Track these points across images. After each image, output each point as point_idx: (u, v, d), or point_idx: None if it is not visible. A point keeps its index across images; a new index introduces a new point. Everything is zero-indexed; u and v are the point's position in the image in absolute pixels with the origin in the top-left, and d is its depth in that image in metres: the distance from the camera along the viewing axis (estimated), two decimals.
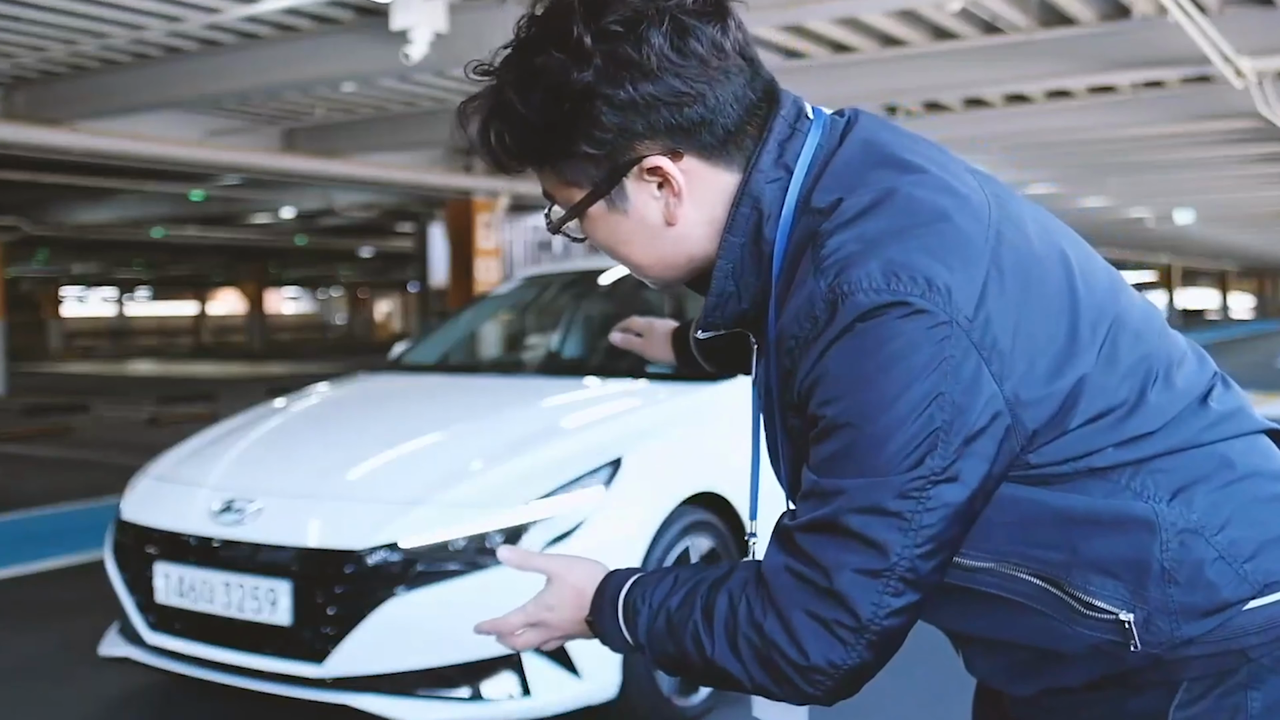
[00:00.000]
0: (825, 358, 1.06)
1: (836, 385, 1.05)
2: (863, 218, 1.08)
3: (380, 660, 3.14)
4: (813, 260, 1.08)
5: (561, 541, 3.23)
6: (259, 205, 18.87)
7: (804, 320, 1.07)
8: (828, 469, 1.07)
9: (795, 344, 1.09)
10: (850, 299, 1.04)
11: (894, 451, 1.03)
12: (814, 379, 1.07)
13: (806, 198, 1.13)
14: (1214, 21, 7.19)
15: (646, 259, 1.21)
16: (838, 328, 1.04)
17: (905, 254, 1.04)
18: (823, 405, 1.06)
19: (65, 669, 4.17)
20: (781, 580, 1.08)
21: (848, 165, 1.13)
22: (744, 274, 1.17)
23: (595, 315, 5.38)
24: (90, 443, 11.21)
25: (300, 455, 3.81)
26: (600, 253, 1.25)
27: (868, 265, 1.04)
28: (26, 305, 34.62)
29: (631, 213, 1.17)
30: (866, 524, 1.04)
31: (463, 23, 6.97)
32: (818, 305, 1.06)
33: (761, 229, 1.15)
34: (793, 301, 1.10)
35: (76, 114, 9.57)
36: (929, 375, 1.02)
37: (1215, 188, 17.99)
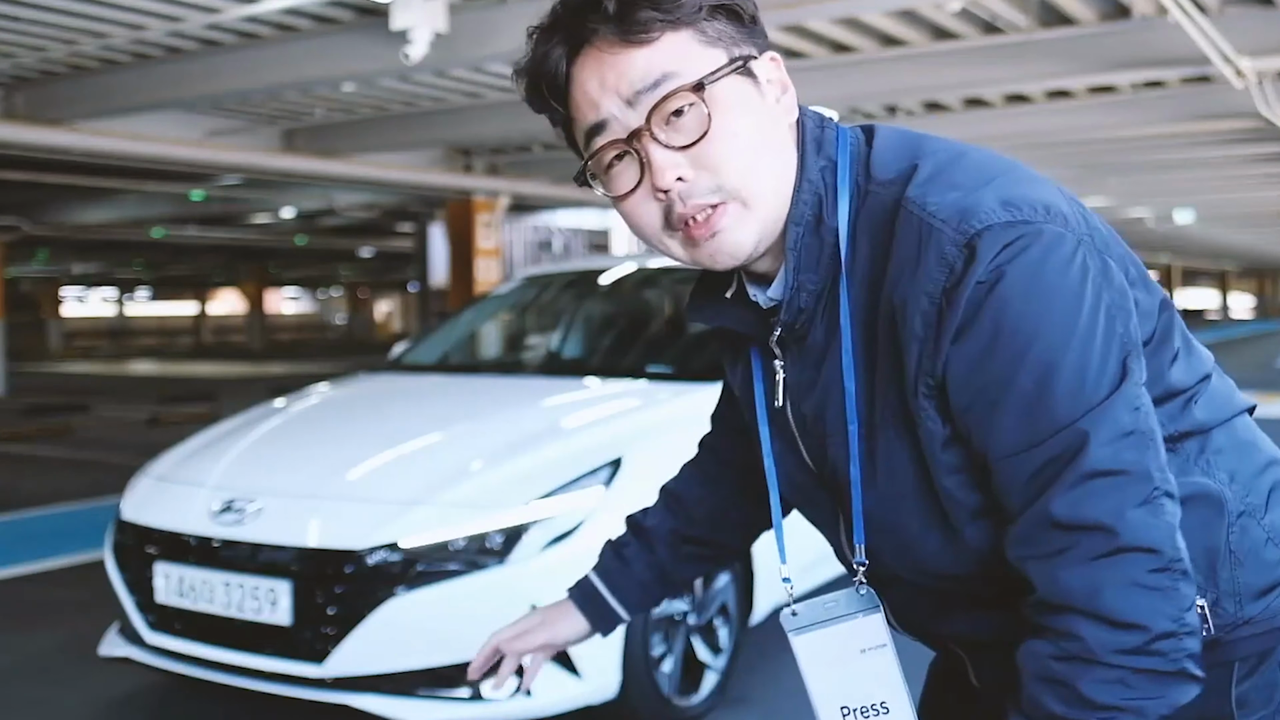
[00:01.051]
0: (982, 313, 0.99)
1: (1012, 339, 0.99)
2: (948, 173, 1.06)
3: (380, 660, 3.14)
4: (919, 220, 1.03)
5: (561, 541, 3.23)
6: (259, 205, 18.86)
7: (937, 271, 1.01)
8: (1041, 428, 0.99)
9: (929, 301, 1.01)
10: (985, 235, 1.00)
11: (1099, 370, 0.99)
12: (977, 345, 1.00)
13: (862, 180, 1.11)
14: (1214, 21, 7.19)
15: (770, 171, 1.09)
16: (981, 267, 0.99)
17: (1010, 189, 1.03)
18: (1005, 370, 0.99)
19: (65, 669, 4.17)
20: (1068, 579, 0.98)
21: (896, 144, 1.13)
22: (803, 269, 1.11)
23: (595, 315, 5.39)
24: (90, 443, 11.21)
25: (300, 455, 3.81)
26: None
27: (984, 203, 1.02)
28: (26, 305, 34.62)
29: (766, 92, 1.10)
30: (1116, 454, 0.98)
31: (463, 23, 6.97)
32: (948, 251, 1.01)
33: (822, 215, 1.11)
34: (904, 269, 1.04)
35: (76, 114, 9.56)
36: (1088, 289, 1.00)
37: (1215, 188, 17.99)
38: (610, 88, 1.07)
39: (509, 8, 7.05)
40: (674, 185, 1.06)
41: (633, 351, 4.91)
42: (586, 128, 1.10)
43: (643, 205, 1.10)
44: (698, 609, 3.64)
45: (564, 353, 5.26)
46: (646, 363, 4.66)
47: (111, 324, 44.15)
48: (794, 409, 1.19)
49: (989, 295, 0.99)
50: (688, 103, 1.05)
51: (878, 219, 1.08)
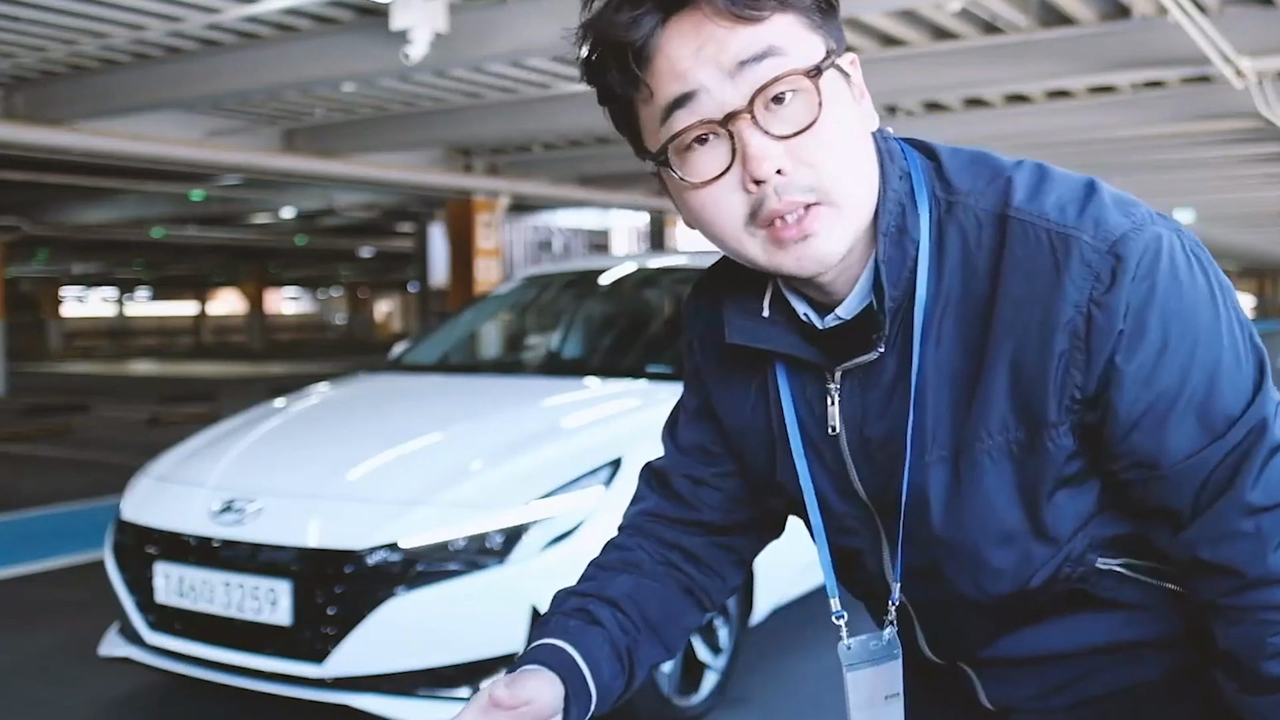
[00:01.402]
0: (1148, 320, 0.97)
1: (1181, 341, 0.98)
2: (1048, 183, 1.04)
3: (380, 660, 3.14)
4: (1043, 231, 1.00)
5: (562, 541, 3.23)
6: (259, 205, 18.86)
7: (1082, 280, 0.97)
8: (1221, 421, 0.98)
9: (1078, 311, 0.97)
10: (1125, 240, 0.97)
11: (1246, 354, 1.00)
12: (1147, 354, 0.97)
13: (945, 190, 1.06)
14: (1214, 21, 7.18)
15: (864, 175, 1.03)
16: (1130, 274, 0.96)
17: (1115, 193, 1.03)
18: (1179, 372, 0.98)
19: (65, 669, 4.17)
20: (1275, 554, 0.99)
21: (963, 158, 1.09)
22: (889, 283, 1.05)
23: (595, 315, 5.39)
24: (90, 443, 11.21)
25: (300, 455, 3.81)
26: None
27: (1108, 210, 1.00)
28: (26, 305, 34.62)
29: (854, 90, 1.03)
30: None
31: (463, 23, 6.97)
32: (1091, 259, 0.97)
33: (905, 225, 1.05)
34: (1035, 281, 0.99)
35: (76, 114, 9.56)
36: (1207, 276, 1.00)
37: (1215, 188, 17.99)
38: (708, 58, 0.97)
39: (509, 8, 7.05)
40: (772, 177, 0.97)
41: (633, 351, 4.91)
42: (669, 100, 0.99)
43: (726, 196, 1.00)
44: None
45: (564, 353, 5.26)
46: (646, 363, 4.66)
47: (111, 324, 44.15)
48: (853, 434, 1.11)
49: (1148, 302, 0.97)
50: (795, 88, 0.97)
51: (969, 231, 1.04)
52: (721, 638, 3.74)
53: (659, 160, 1.01)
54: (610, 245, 18.66)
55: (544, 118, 10.55)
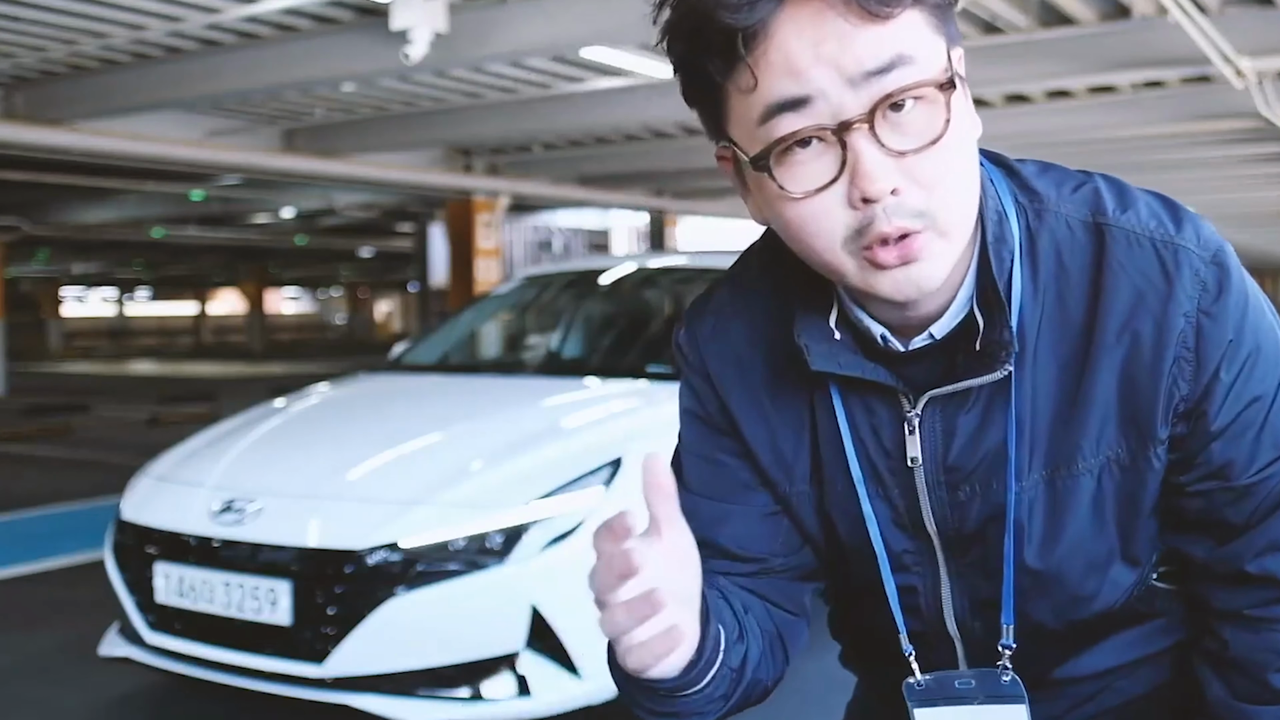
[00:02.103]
0: (1244, 327, 0.98)
1: (1273, 348, 1.00)
2: (1128, 193, 1.03)
3: (380, 660, 3.14)
4: (1151, 243, 0.98)
5: (561, 541, 3.23)
6: (259, 205, 18.86)
7: (1193, 290, 0.96)
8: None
9: (1187, 321, 0.96)
10: (1222, 252, 0.99)
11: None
12: (1241, 358, 0.97)
13: (1029, 199, 1.02)
14: (1214, 21, 7.18)
15: (974, 198, 0.95)
16: (1233, 284, 0.98)
17: (1186, 210, 1.03)
18: (1266, 377, 0.99)
19: (65, 669, 4.17)
20: None
21: (1033, 164, 1.08)
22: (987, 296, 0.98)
23: (595, 315, 5.39)
24: (90, 443, 11.21)
25: (300, 455, 3.81)
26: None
27: (1199, 222, 1.00)
28: (26, 305, 34.62)
29: (968, 100, 0.95)
30: None
31: (463, 23, 6.97)
32: (1202, 270, 0.97)
33: (1004, 234, 0.99)
34: (1145, 291, 0.97)
35: (76, 114, 9.56)
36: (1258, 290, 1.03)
37: (1215, 188, 17.99)
38: (829, 59, 0.86)
39: (509, 8, 7.05)
40: (885, 197, 0.88)
41: (633, 351, 4.91)
42: (778, 100, 0.88)
43: (829, 211, 0.90)
44: None
45: (564, 353, 5.26)
46: (646, 363, 4.66)
47: (111, 324, 44.16)
48: (932, 464, 1.02)
49: (1246, 312, 0.98)
50: (919, 96, 0.88)
51: (1062, 239, 1.00)
52: None
53: (758, 165, 0.91)
54: (610, 245, 18.66)
55: (544, 118, 10.55)
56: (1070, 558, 1.02)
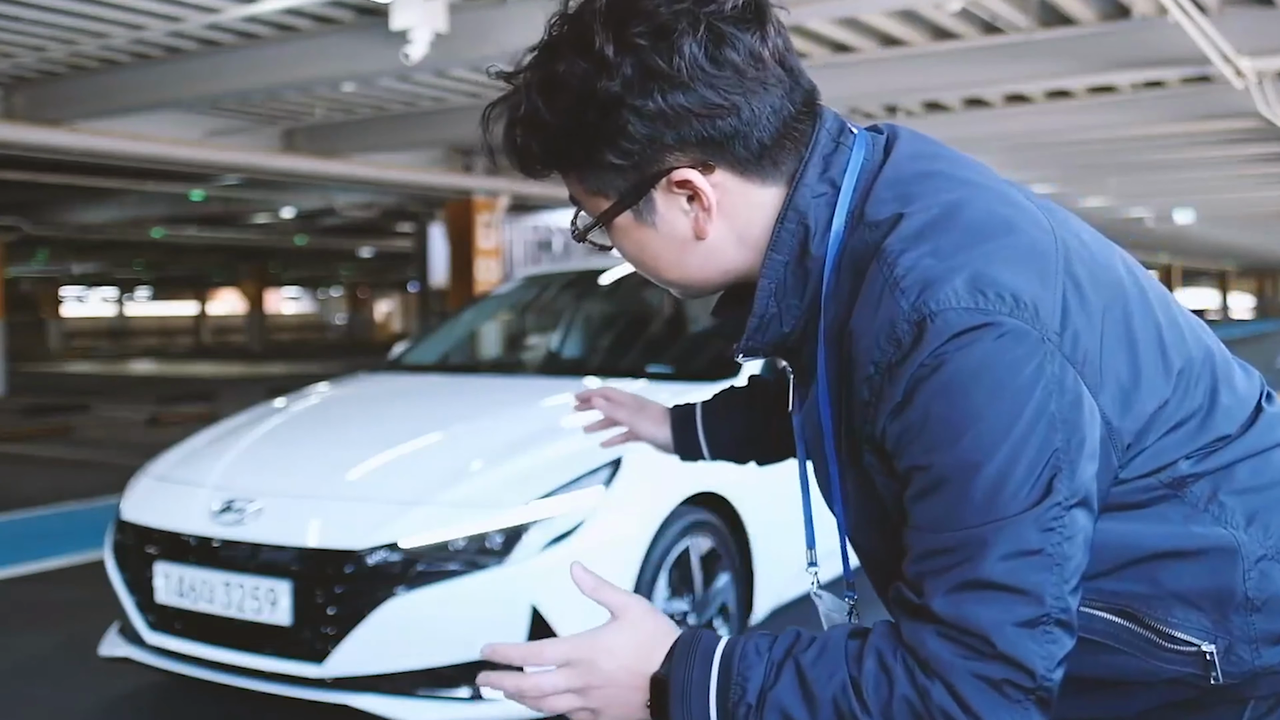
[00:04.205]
0: (918, 394, 0.97)
1: (942, 428, 0.97)
2: (931, 232, 1.01)
3: (380, 660, 3.14)
4: (885, 279, 1.00)
5: (561, 541, 3.23)
6: (259, 205, 18.87)
7: (885, 343, 0.99)
8: (948, 520, 0.97)
9: (875, 370, 1.00)
10: (939, 318, 0.96)
11: (1020, 483, 0.95)
12: (908, 423, 0.99)
13: (857, 213, 1.07)
14: (1214, 21, 7.19)
15: (674, 273, 1.15)
16: (927, 351, 0.96)
17: (987, 269, 0.98)
18: (928, 453, 0.98)
19: (65, 669, 4.17)
20: (935, 648, 0.97)
21: (898, 179, 1.08)
22: (786, 294, 1.11)
23: (595, 315, 5.39)
24: (90, 443, 11.21)
25: (300, 455, 3.81)
26: (612, 254, 1.20)
27: (952, 282, 0.97)
28: (26, 305, 34.62)
29: (660, 225, 1.11)
30: (1013, 571, 0.95)
31: (463, 23, 6.97)
32: (900, 326, 0.98)
33: (808, 246, 1.09)
34: (863, 323, 1.02)
35: (76, 114, 9.57)
36: (1035, 396, 0.96)
37: (1215, 188, 18.00)
38: None
39: (509, 8, 7.05)
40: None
41: (633, 351, 4.91)
42: None
43: None
44: (698, 609, 3.64)
45: (564, 353, 5.26)
46: (646, 363, 4.66)
47: (111, 324, 44.14)
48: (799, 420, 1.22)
49: (928, 380, 0.97)
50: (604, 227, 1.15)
51: (860, 260, 1.05)
52: None
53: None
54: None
55: None
56: (867, 533, 1.15)
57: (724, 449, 1.64)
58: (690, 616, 3.60)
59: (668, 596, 3.50)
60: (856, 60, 8.77)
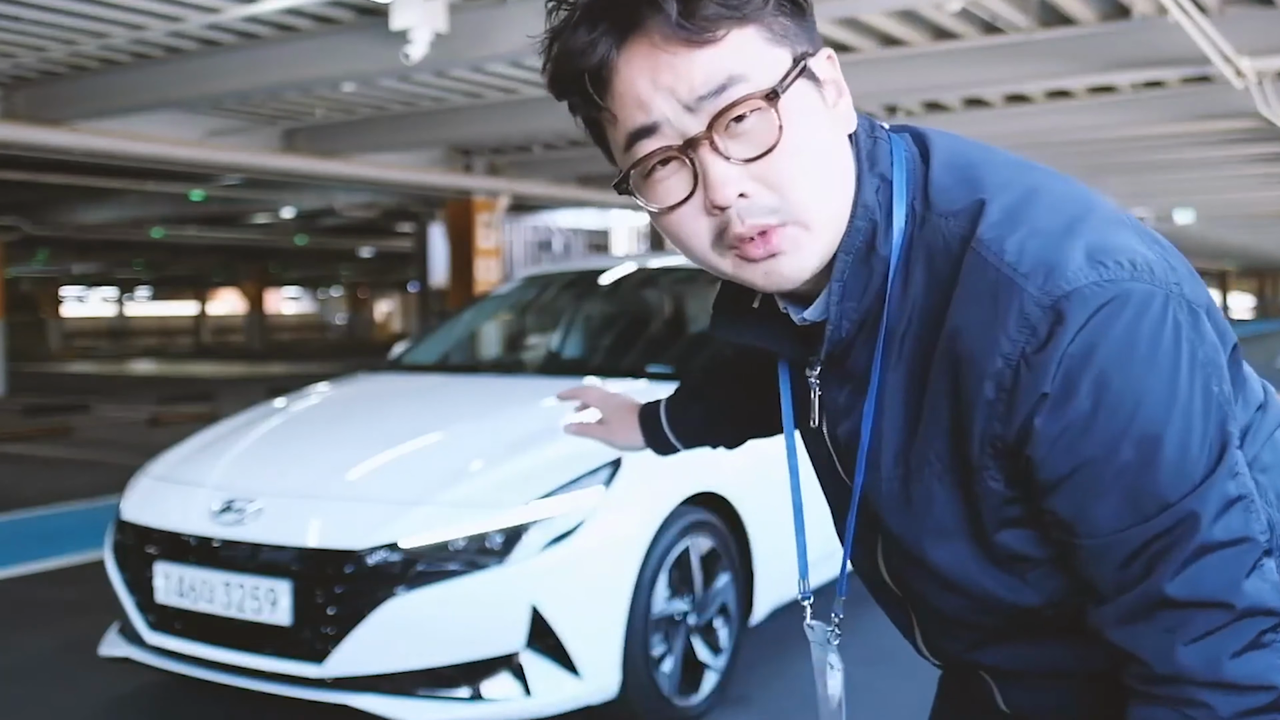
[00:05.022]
0: (1078, 383, 0.91)
1: (1112, 413, 0.92)
2: (1025, 213, 0.97)
3: (380, 660, 3.14)
4: (994, 267, 0.95)
5: (562, 541, 3.23)
6: (259, 205, 18.87)
7: (1016, 333, 0.93)
8: (1146, 506, 0.93)
9: (1006, 364, 0.94)
10: (1075, 297, 0.92)
11: (1200, 443, 0.93)
12: (1072, 417, 0.92)
13: (922, 205, 1.02)
14: (1214, 21, 7.19)
15: (834, 190, 1.00)
16: (1070, 334, 0.91)
17: (1095, 238, 0.95)
18: (1104, 443, 0.92)
19: (65, 669, 4.17)
20: (1183, 649, 0.93)
21: (958, 166, 1.03)
22: (845, 297, 1.03)
23: (595, 315, 5.39)
24: (90, 443, 11.21)
25: (300, 455, 3.81)
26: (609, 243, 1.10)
27: (1073, 259, 0.93)
28: (26, 305, 34.62)
29: (827, 97, 1.00)
30: (1227, 526, 0.93)
31: (463, 23, 6.98)
32: (1032, 313, 0.92)
33: (874, 243, 1.02)
34: (975, 317, 0.95)
35: (76, 114, 9.57)
36: (1183, 352, 0.93)
37: (1215, 188, 18.00)
38: (665, 88, 0.95)
39: (509, 8, 7.06)
40: (734, 202, 0.96)
41: (633, 351, 4.91)
42: (631, 130, 0.98)
43: (692, 220, 0.99)
44: (698, 609, 3.64)
45: (564, 353, 5.26)
46: (646, 362, 4.66)
47: (111, 324, 44.14)
48: (830, 430, 1.13)
49: (1084, 366, 0.91)
50: (755, 109, 0.95)
51: (937, 253, 1.00)
52: (721, 638, 3.74)
53: (621, 188, 1.02)
54: (610, 245, 18.66)
55: (544, 118, 10.56)
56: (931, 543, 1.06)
57: (692, 436, 1.62)
58: (690, 616, 3.60)
59: (668, 596, 3.50)
60: (856, 60, 8.77)
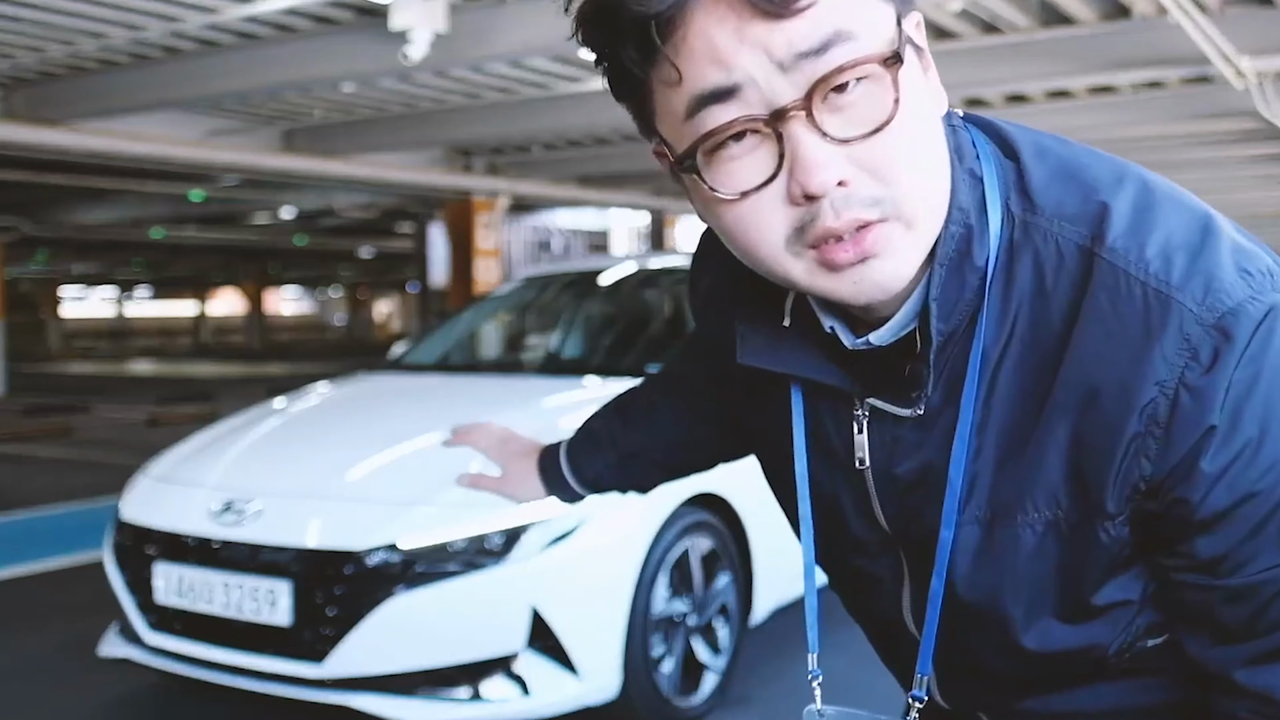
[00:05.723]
0: (1245, 409, 0.79)
1: (1278, 433, 0.80)
2: (1153, 216, 0.84)
3: (380, 660, 3.14)
4: (1140, 281, 0.81)
5: (561, 541, 3.23)
6: (259, 205, 18.87)
7: (1174, 356, 0.80)
8: None
9: (1162, 392, 0.80)
10: (1240, 314, 0.79)
11: None
12: (1240, 446, 0.80)
13: (1023, 205, 0.87)
14: (1214, 21, 7.19)
15: (941, 182, 0.84)
16: (1237, 355, 0.79)
17: (1234, 244, 0.83)
18: (1267, 472, 0.80)
19: (65, 669, 4.17)
20: None
21: (1052, 162, 0.89)
22: (941, 317, 0.86)
23: (595, 315, 5.39)
24: (90, 443, 11.21)
25: (300, 455, 3.81)
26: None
27: (1225, 270, 0.81)
28: (26, 305, 34.62)
29: (925, 63, 0.85)
30: None
31: (463, 23, 6.97)
32: (1194, 333, 0.79)
33: (970, 250, 0.85)
34: (1117, 340, 0.82)
35: (76, 114, 9.57)
36: None
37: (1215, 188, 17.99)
38: (756, 41, 0.76)
39: (509, 8, 7.05)
40: (831, 190, 0.77)
41: (632, 351, 4.91)
42: (702, 92, 0.78)
43: (767, 210, 0.80)
44: (698, 609, 3.64)
45: (564, 353, 5.26)
46: (646, 362, 4.66)
47: (111, 324, 44.14)
48: (879, 467, 0.95)
49: (1250, 390, 0.79)
50: (866, 75, 0.77)
51: (1047, 263, 0.85)
52: (721, 638, 3.74)
53: (684, 166, 0.81)
54: (610, 245, 18.66)
55: (544, 118, 10.56)
56: (1008, 604, 0.92)
57: (602, 480, 1.44)
58: (690, 617, 3.60)
59: (668, 597, 3.50)
60: None
